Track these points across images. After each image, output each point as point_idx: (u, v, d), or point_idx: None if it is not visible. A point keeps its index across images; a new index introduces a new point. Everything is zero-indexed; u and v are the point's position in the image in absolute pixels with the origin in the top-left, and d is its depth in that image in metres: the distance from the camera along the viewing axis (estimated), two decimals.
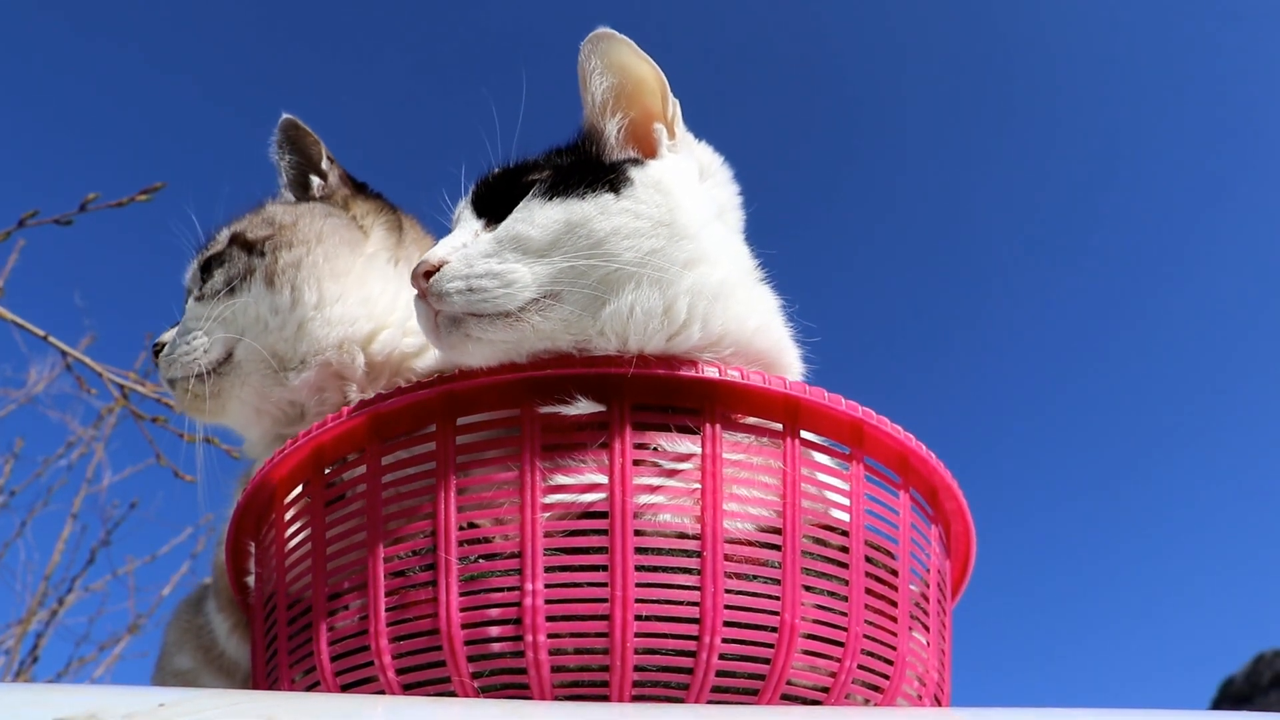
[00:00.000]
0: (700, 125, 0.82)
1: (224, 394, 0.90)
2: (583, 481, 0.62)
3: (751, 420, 0.65)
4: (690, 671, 0.60)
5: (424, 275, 0.69)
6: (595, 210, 0.67)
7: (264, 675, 0.74)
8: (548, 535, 0.60)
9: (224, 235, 0.96)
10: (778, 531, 0.62)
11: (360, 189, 1.04)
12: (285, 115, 1.01)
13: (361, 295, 0.91)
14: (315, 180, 1.02)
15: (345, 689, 0.65)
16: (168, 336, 0.94)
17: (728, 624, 0.60)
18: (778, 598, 0.61)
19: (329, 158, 1.03)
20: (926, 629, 0.71)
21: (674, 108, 0.77)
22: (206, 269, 0.94)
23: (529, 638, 0.59)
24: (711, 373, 0.63)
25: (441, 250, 0.70)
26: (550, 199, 0.69)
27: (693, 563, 0.60)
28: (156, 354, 0.94)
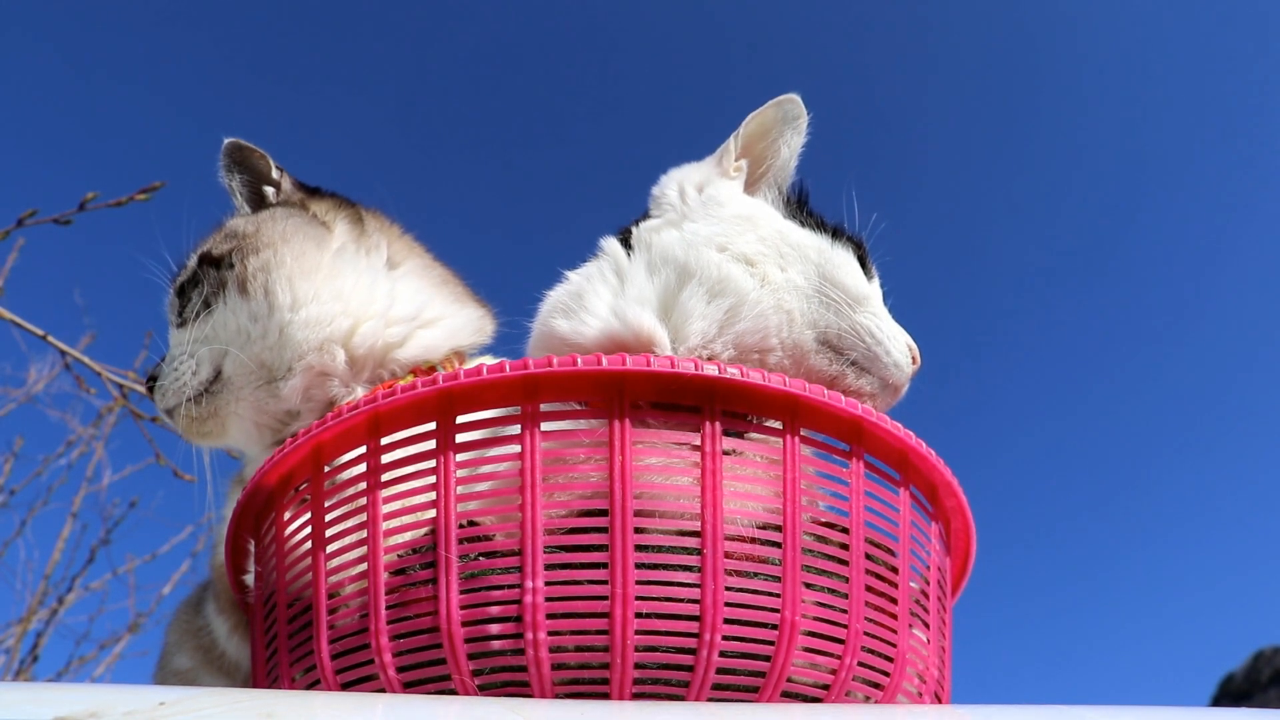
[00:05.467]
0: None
1: (221, 412, 0.90)
2: (582, 479, 0.62)
3: (752, 418, 0.65)
4: (691, 669, 0.59)
5: None
6: None
7: (264, 674, 0.74)
8: (548, 533, 0.60)
9: (193, 260, 0.96)
10: (778, 529, 0.62)
11: (314, 191, 1.04)
12: (227, 139, 1.01)
13: (334, 291, 0.91)
14: (269, 191, 1.03)
15: (345, 687, 0.65)
16: (157, 369, 0.94)
17: (728, 621, 0.60)
18: (778, 595, 0.61)
19: (278, 168, 1.03)
20: (927, 626, 0.71)
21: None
22: (182, 294, 0.94)
23: (529, 635, 0.59)
24: (711, 370, 0.63)
25: None
26: None
27: (693, 560, 0.60)
28: (151, 391, 0.93)
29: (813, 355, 0.76)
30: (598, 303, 0.77)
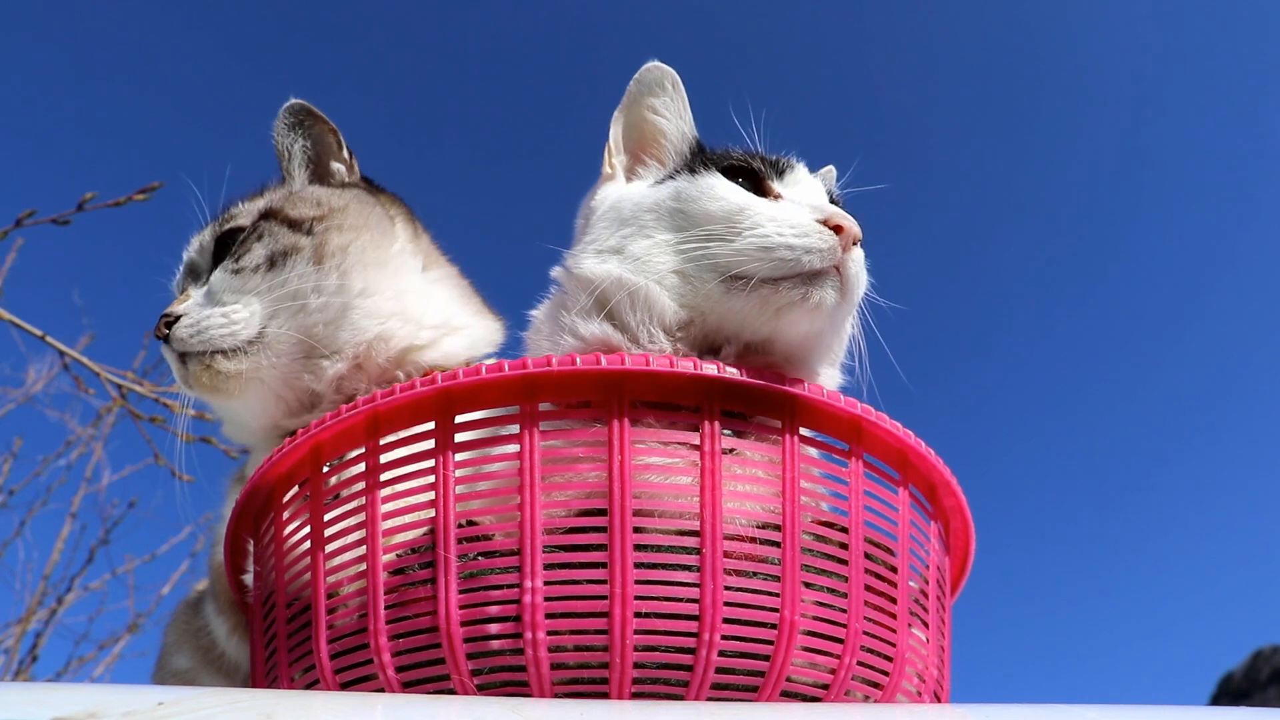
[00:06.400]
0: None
1: (248, 373, 0.86)
2: (581, 478, 0.62)
3: (750, 417, 0.65)
4: (690, 669, 0.60)
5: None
6: None
7: (263, 674, 0.74)
8: (547, 532, 0.60)
9: (249, 208, 0.94)
10: (777, 528, 0.62)
11: (372, 183, 1.03)
12: (295, 100, 0.99)
13: (396, 289, 0.91)
14: (338, 168, 1.01)
15: (344, 687, 0.65)
16: (182, 308, 0.89)
17: (727, 620, 0.60)
18: (777, 594, 0.61)
19: (347, 147, 1.01)
20: (926, 626, 0.71)
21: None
22: (227, 240, 0.92)
23: (528, 635, 0.59)
24: (710, 370, 0.63)
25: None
26: None
27: (692, 559, 0.60)
28: (168, 325, 0.87)
29: (729, 298, 0.70)
30: (554, 328, 0.77)
